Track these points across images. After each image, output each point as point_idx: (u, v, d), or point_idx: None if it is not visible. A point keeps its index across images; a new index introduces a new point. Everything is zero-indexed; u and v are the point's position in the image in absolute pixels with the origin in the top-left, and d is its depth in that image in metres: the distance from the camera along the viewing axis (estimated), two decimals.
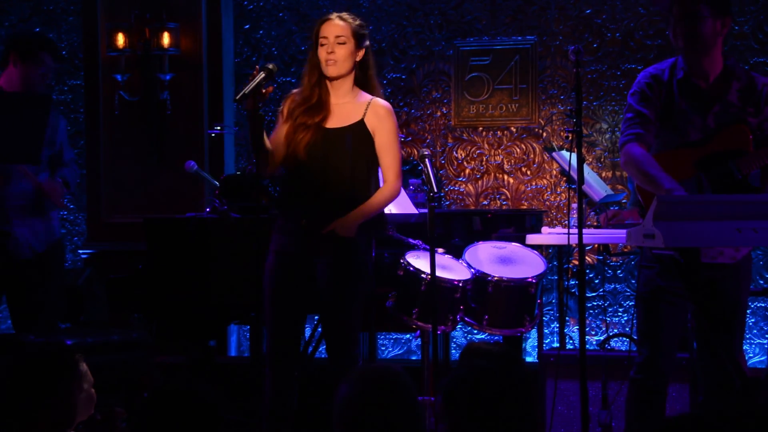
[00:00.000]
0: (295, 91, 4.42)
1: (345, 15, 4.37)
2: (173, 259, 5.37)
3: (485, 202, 7.03)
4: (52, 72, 5.41)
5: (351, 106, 4.36)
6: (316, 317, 5.34)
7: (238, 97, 4.14)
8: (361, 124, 4.33)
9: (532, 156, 6.98)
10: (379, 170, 4.39)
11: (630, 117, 4.08)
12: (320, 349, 5.49)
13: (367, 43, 4.39)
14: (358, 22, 4.36)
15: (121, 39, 7.04)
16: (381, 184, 4.37)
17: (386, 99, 4.45)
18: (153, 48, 7.06)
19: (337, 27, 4.31)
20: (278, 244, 4.31)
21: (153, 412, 2.60)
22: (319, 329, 4.91)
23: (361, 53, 4.36)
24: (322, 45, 4.31)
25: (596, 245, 6.37)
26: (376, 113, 4.35)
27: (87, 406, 3.14)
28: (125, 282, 5.39)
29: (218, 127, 6.77)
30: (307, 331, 5.70)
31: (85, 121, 7.33)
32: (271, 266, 4.30)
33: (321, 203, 4.25)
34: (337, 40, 4.29)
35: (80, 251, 7.30)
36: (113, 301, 5.42)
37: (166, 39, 7.03)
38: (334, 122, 4.34)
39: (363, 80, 4.39)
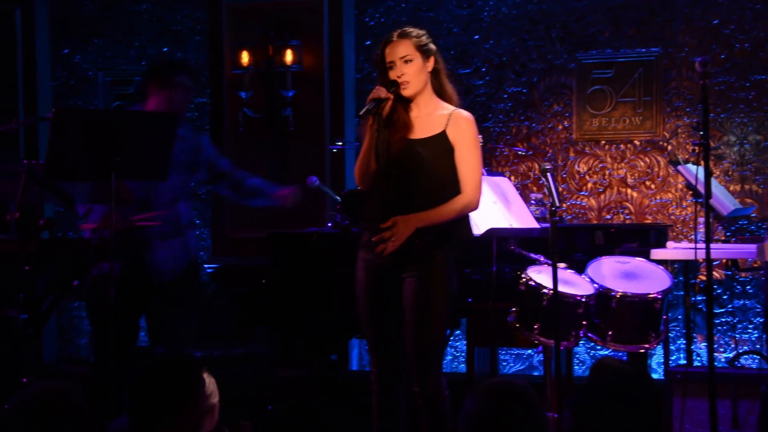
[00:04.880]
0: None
1: (406, 30, 4.32)
2: (296, 273, 5.43)
3: (608, 217, 6.93)
4: (191, 91, 5.51)
5: (432, 117, 4.33)
6: None
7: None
8: (442, 135, 4.30)
9: (656, 169, 6.86)
10: None
11: None
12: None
13: (434, 48, 4.35)
14: (419, 34, 4.31)
15: (245, 57, 7.18)
16: None
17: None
18: (276, 65, 7.17)
19: (400, 47, 4.28)
20: (365, 260, 4.32)
21: (278, 426, 2.62)
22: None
23: (431, 63, 4.32)
24: (390, 68, 4.29)
25: (724, 260, 6.22)
26: (457, 124, 4.30)
27: (213, 418, 3.19)
28: (250, 296, 5.47)
29: (339, 143, 6.83)
30: None
31: (210, 138, 7.47)
32: (362, 284, 4.31)
33: (404, 215, 4.23)
34: (403, 59, 4.27)
35: (206, 266, 7.45)
36: (238, 314, 5.50)
37: (289, 56, 7.14)
38: (415, 135, 4.31)
39: (437, 86, 4.36)
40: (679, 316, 6.59)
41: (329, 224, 5.64)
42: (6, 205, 4.90)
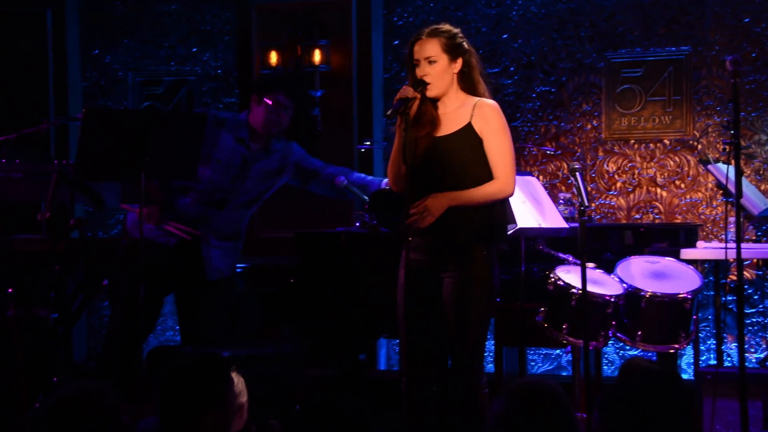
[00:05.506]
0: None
1: (437, 27, 4.30)
2: (324, 273, 5.44)
3: (637, 216, 6.89)
4: (289, 110, 5.46)
5: (458, 112, 4.32)
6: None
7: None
8: (468, 127, 4.28)
9: (686, 169, 6.82)
10: None
11: None
12: None
13: (466, 48, 4.32)
14: (450, 34, 4.28)
15: (274, 57, 7.19)
16: None
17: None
18: (304, 65, 7.18)
19: (426, 47, 4.26)
20: (405, 259, 4.31)
21: (306, 425, 2.63)
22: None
23: (458, 64, 4.29)
24: (416, 66, 4.28)
25: (755, 260, 6.18)
26: (482, 114, 4.29)
27: (241, 418, 3.20)
28: (278, 295, 5.49)
29: (368, 143, 6.84)
30: None
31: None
32: (401, 282, 4.31)
33: (443, 215, 4.22)
34: (428, 60, 4.25)
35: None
36: (267, 314, 5.52)
37: (317, 56, 7.15)
38: (443, 131, 4.31)
39: (469, 83, 4.34)
40: (710, 316, 6.55)
41: (357, 224, 5.64)
42: (37, 205, 4.94)
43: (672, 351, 4.86)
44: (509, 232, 4.70)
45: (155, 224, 5.33)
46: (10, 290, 4.96)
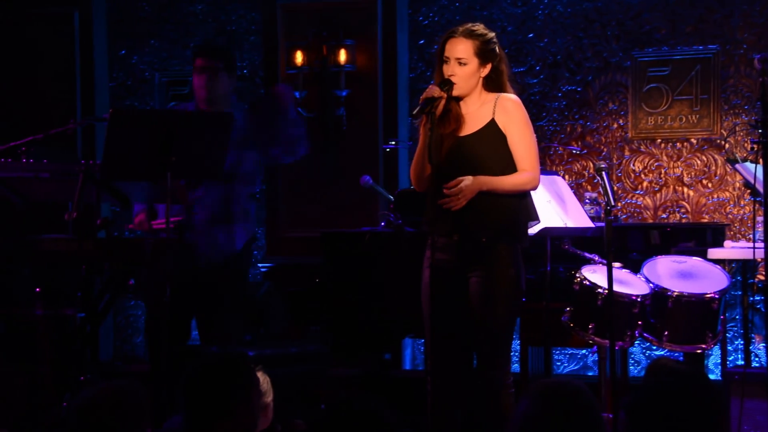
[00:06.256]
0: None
1: (473, 29, 4.27)
2: (349, 273, 5.44)
3: (664, 216, 6.86)
4: (216, 72, 5.42)
5: (480, 110, 4.30)
6: None
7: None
8: (491, 124, 4.28)
9: (713, 168, 6.78)
10: None
11: None
12: None
13: (497, 52, 4.30)
14: (484, 39, 4.26)
15: (299, 57, 7.20)
16: None
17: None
18: (330, 65, 7.19)
19: (459, 47, 4.24)
20: (431, 259, 4.30)
21: (330, 425, 2.63)
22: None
23: (487, 68, 4.27)
24: (445, 62, 4.27)
25: None
26: (504, 109, 4.28)
27: (267, 417, 3.21)
28: (303, 295, 5.50)
29: (393, 142, 6.84)
30: None
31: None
32: (426, 282, 4.30)
33: (468, 214, 4.22)
34: (458, 61, 4.24)
35: (260, 265, 7.48)
36: (292, 313, 5.52)
37: (342, 56, 7.15)
38: (466, 130, 4.30)
39: (493, 87, 4.32)
40: (737, 316, 6.51)
41: (382, 224, 5.64)
42: (64, 204, 4.97)
43: (699, 351, 4.83)
44: (534, 232, 4.69)
45: (147, 229, 5.30)
46: (37, 290, 4.99)
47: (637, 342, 5.33)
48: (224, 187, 5.38)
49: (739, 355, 6.37)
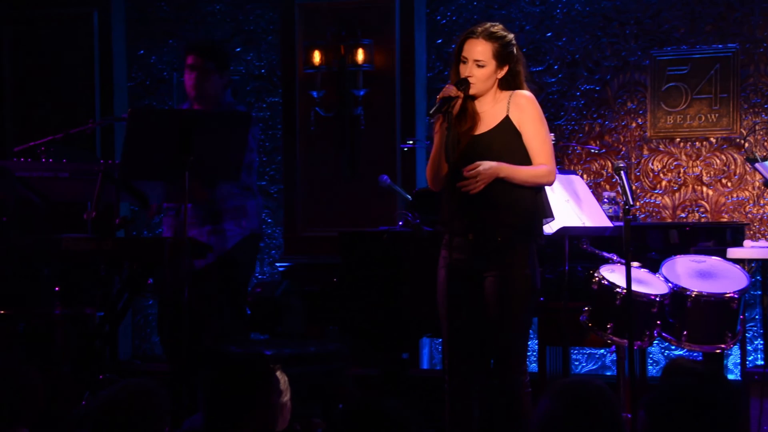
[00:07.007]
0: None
1: (493, 31, 4.25)
2: (367, 272, 5.44)
3: (683, 215, 6.84)
4: (205, 70, 5.47)
5: (494, 108, 4.30)
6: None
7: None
8: (506, 121, 4.27)
9: (732, 167, 6.76)
10: None
11: None
12: None
13: (515, 54, 4.29)
14: (504, 41, 4.24)
15: (317, 56, 7.21)
16: None
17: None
18: (348, 64, 7.19)
19: (478, 49, 4.22)
20: (447, 259, 4.30)
21: (348, 424, 2.63)
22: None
23: (504, 70, 4.27)
24: (463, 62, 4.26)
25: None
26: (517, 105, 4.27)
27: (285, 416, 3.21)
28: (321, 294, 5.50)
29: (410, 141, 6.84)
30: None
31: (282, 137, 7.53)
32: (442, 282, 4.30)
33: (483, 213, 4.21)
34: (476, 63, 4.23)
35: (277, 264, 7.50)
36: (310, 313, 5.52)
37: (360, 55, 7.16)
38: (481, 128, 4.29)
39: (508, 87, 4.31)
40: (757, 316, 6.49)
41: (400, 223, 5.64)
42: (83, 204, 4.99)
43: (718, 351, 4.81)
44: (552, 231, 4.69)
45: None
46: (57, 289, 5.02)
47: (655, 342, 5.32)
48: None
49: (759, 355, 6.34)
